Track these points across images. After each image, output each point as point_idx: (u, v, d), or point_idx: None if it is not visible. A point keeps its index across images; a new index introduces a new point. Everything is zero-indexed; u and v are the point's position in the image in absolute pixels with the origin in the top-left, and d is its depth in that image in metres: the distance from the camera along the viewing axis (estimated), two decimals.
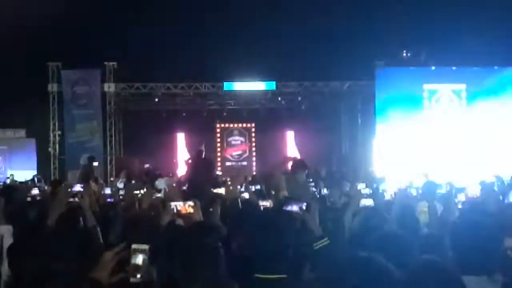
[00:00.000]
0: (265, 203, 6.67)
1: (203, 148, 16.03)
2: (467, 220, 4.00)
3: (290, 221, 4.53)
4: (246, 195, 7.06)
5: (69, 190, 5.97)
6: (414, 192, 7.44)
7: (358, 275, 2.86)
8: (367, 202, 5.95)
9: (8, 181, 20.46)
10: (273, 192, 7.27)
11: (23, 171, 22.48)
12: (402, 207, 5.92)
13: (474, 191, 8.13)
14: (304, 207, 4.33)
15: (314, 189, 10.28)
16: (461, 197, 7.02)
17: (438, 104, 22.52)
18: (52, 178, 22.41)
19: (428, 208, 5.79)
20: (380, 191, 10.11)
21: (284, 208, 4.48)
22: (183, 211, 5.45)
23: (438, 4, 24.08)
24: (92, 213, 5.59)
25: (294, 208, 4.37)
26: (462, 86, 22.52)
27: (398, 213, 5.82)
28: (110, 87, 23.94)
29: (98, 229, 5.36)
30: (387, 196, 9.31)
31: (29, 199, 9.00)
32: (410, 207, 6.31)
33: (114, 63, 23.86)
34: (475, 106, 22.11)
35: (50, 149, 24.25)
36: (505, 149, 21.28)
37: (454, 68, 22.72)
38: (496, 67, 22.87)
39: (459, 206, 6.77)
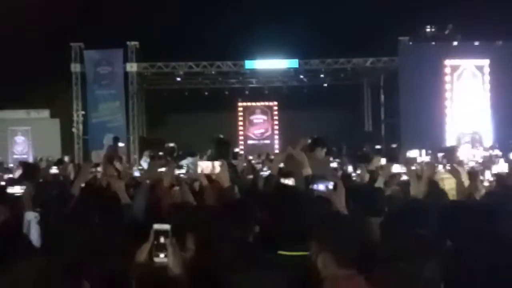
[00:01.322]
0: (287, 181, 6.62)
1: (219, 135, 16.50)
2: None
3: (315, 199, 4.49)
4: (267, 173, 7.02)
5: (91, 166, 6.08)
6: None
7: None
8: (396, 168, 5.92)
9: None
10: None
11: (47, 151, 22.60)
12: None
13: (501, 168, 8.01)
14: (330, 186, 4.27)
15: (336, 165, 10.20)
16: (487, 175, 6.88)
17: (461, 79, 22.27)
18: (76, 158, 22.62)
19: (456, 185, 5.70)
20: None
21: (310, 186, 4.43)
22: (209, 172, 5.43)
23: None
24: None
25: (321, 187, 4.31)
26: (485, 62, 22.21)
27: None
28: (132, 67, 24.00)
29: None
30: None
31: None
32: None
33: (136, 42, 23.86)
34: (498, 81, 21.76)
35: (73, 129, 24.43)
36: None
37: (476, 43, 22.40)
38: None
39: (485, 183, 6.66)
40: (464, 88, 22.33)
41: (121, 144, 19.39)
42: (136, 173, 9.39)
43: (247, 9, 24.62)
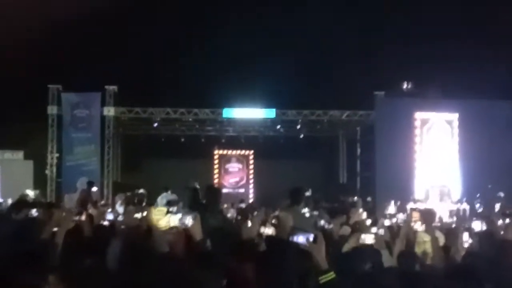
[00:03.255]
0: (268, 230, 6.51)
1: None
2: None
3: (295, 253, 4.43)
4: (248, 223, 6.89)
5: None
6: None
7: None
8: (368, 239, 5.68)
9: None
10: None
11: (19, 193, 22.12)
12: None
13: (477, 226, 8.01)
14: (311, 239, 4.20)
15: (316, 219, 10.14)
16: (465, 236, 6.79)
17: (430, 132, 22.54)
18: (49, 201, 22.25)
19: (431, 241, 5.68)
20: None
21: (290, 238, 4.36)
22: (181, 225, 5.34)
23: (440, 36, 24.21)
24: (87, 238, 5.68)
25: (300, 239, 4.23)
26: (454, 116, 22.56)
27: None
28: (109, 111, 23.94)
29: None
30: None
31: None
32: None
33: (115, 86, 23.88)
34: (467, 135, 22.05)
35: (47, 171, 24.13)
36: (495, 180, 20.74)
37: (446, 99, 22.83)
38: (488, 100, 22.90)
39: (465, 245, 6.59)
40: (434, 141, 22.59)
41: (94, 189, 19.18)
42: (110, 216, 9.21)
43: (226, 58, 24.90)
